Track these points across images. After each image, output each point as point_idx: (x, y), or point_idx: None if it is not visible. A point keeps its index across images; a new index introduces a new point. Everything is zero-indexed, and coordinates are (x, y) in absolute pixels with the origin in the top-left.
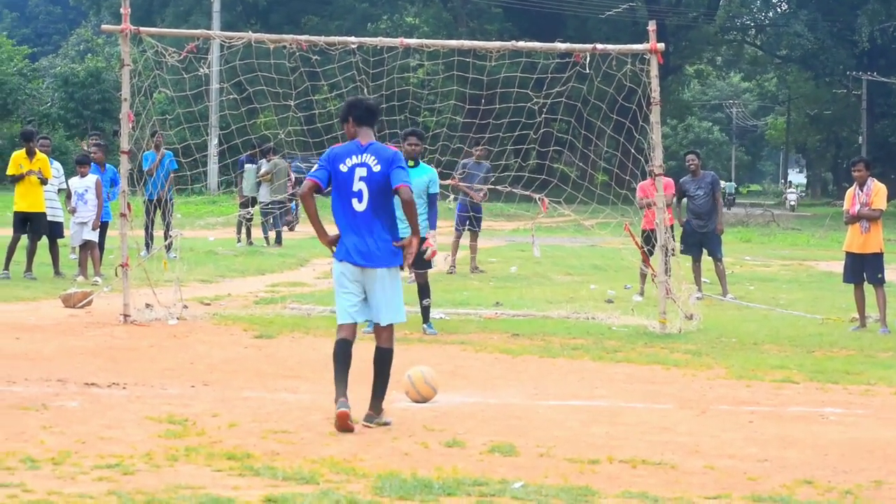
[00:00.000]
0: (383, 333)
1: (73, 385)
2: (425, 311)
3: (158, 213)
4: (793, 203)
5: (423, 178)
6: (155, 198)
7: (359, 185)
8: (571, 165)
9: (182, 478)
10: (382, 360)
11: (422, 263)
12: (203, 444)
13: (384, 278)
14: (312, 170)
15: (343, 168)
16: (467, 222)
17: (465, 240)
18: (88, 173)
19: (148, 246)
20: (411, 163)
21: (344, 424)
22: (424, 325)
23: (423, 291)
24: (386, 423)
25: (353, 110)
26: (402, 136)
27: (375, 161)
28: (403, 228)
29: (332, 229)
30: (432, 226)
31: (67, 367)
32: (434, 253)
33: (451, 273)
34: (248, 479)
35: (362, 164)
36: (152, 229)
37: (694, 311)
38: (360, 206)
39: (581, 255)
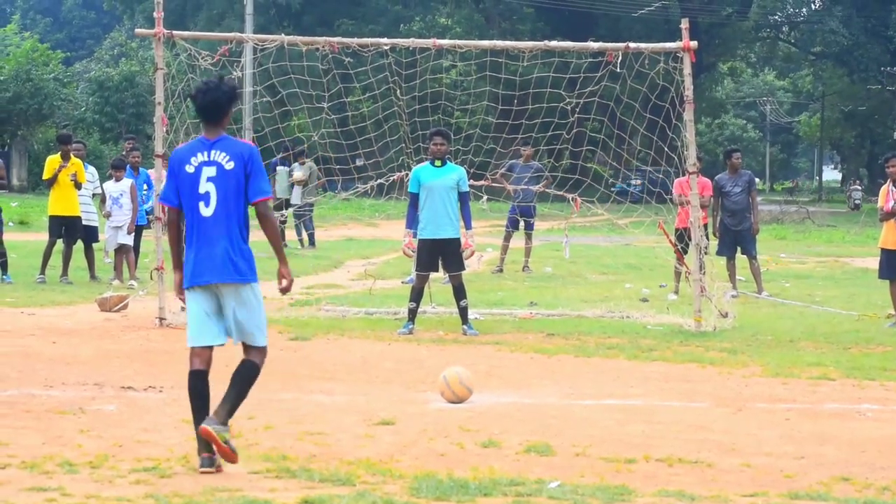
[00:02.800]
0: (253, 351)
1: (109, 389)
2: (463, 313)
3: None
4: (857, 201)
5: (451, 176)
6: None
7: (206, 187)
8: (605, 165)
9: (219, 480)
10: (243, 372)
11: (456, 265)
12: (239, 446)
13: (239, 293)
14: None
15: (189, 169)
16: (518, 224)
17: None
18: (123, 177)
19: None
20: (438, 162)
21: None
22: (464, 327)
23: (459, 293)
24: (226, 443)
25: (195, 102)
26: (427, 135)
27: (227, 158)
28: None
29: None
30: (468, 225)
31: (104, 370)
32: (473, 252)
33: (498, 272)
34: (285, 481)
35: (211, 163)
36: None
37: (729, 309)
38: (206, 211)
39: (615, 254)
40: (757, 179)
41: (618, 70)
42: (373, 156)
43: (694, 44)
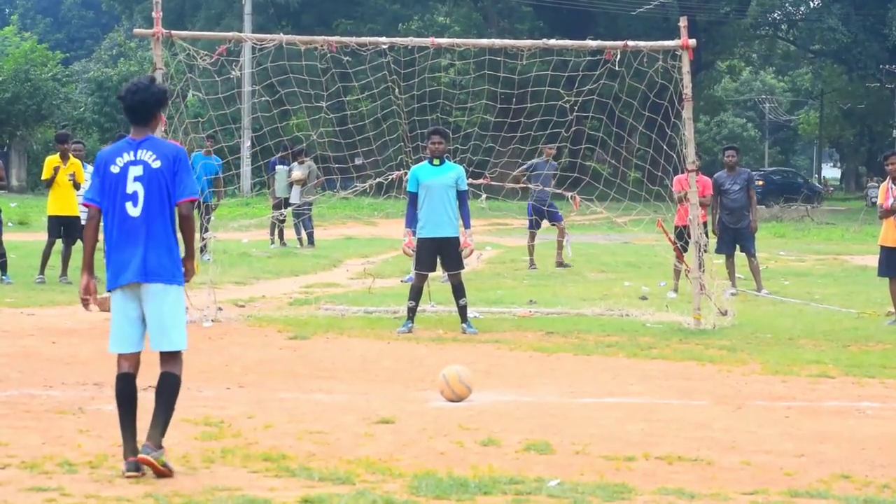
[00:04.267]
0: (169, 358)
1: (109, 388)
2: (462, 311)
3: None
4: (874, 199)
5: (449, 175)
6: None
7: (133, 187)
8: (604, 163)
9: (218, 479)
10: (169, 388)
11: (455, 263)
12: (239, 445)
13: (164, 295)
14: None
15: (114, 169)
16: (541, 220)
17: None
18: None
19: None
20: (437, 161)
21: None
22: (463, 325)
23: (458, 291)
24: (166, 467)
25: (122, 102)
26: (425, 134)
27: (154, 157)
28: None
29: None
30: (466, 224)
31: (103, 370)
32: (472, 251)
33: (532, 270)
34: (285, 480)
35: (137, 162)
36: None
37: (728, 307)
38: (134, 211)
39: (615, 253)
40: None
41: (616, 68)
42: (371, 155)
43: (692, 42)
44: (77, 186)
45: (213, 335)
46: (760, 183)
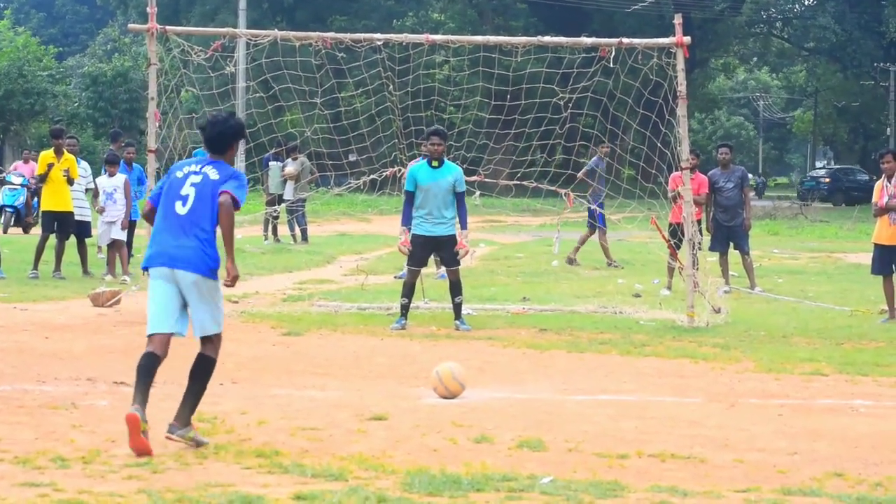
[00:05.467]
0: (206, 341)
1: (102, 384)
2: (457, 308)
3: None
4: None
5: (447, 178)
6: None
7: (188, 190)
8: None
9: (211, 476)
10: (203, 369)
11: (453, 260)
12: (232, 441)
13: (200, 284)
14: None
15: (178, 174)
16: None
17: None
18: (117, 173)
19: None
20: (435, 163)
21: (133, 426)
22: (457, 322)
23: (455, 289)
24: (195, 440)
25: (202, 133)
26: (424, 135)
27: (216, 172)
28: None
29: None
30: (463, 225)
31: (97, 365)
32: (467, 252)
33: (613, 267)
34: (278, 477)
35: (199, 173)
36: None
37: (722, 305)
38: (182, 210)
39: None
40: (750, 175)
41: (611, 65)
42: (365, 151)
43: (687, 39)
44: (71, 182)
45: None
46: (827, 181)
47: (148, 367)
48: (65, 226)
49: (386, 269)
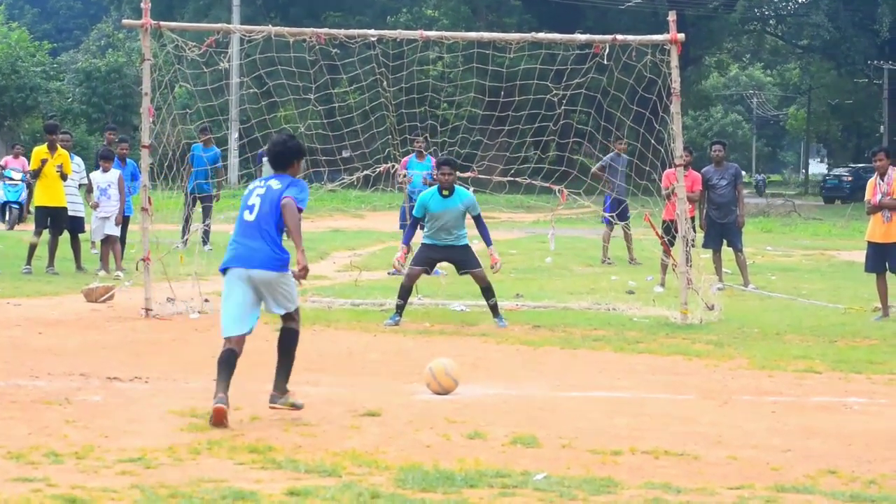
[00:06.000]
0: (287, 316)
1: (95, 379)
2: (494, 309)
3: (198, 206)
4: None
5: (458, 206)
6: (194, 192)
7: (254, 200)
8: (591, 157)
9: (205, 471)
10: (289, 340)
11: (470, 262)
12: (225, 437)
13: (274, 278)
14: None
15: (246, 191)
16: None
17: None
18: (111, 168)
19: (184, 231)
20: (446, 192)
21: (219, 419)
22: (496, 320)
23: (488, 293)
24: (295, 405)
25: (267, 152)
26: (436, 164)
27: (278, 183)
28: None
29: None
30: (488, 242)
31: (90, 361)
32: (500, 265)
33: (606, 264)
34: (271, 472)
35: (263, 186)
36: (191, 223)
37: (715, 302)
38: (250, 217)
39: (601, 247)
40: (743, 173)
41: (605, 62)
42: (359, 147)
43: (681, 36)
44: (64, 177)
45: (199, 327)
46: (849, 179)
47: (229, 362)
48: (58, 221)
49: (379, 265)
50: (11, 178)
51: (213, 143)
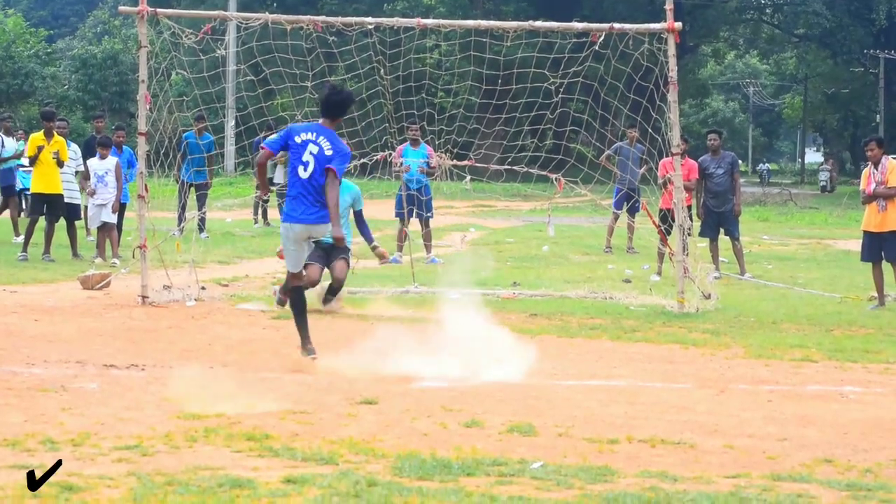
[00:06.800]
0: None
1: (91, 367)
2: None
3: (193, 193)
4: (823, 182)
5: (344, 198)
6: (190, 181)
7: (307, 157)
8: (588, 145)
9: (201, 459)
10: (332, 290)
11: (342, 253)
12: (222, 425)
13: (325, 230)
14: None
15: (298, 139)
16: (622, 205)
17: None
18: (108, 156)
19: (181, 219)
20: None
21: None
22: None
23: (334, 290)
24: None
25: (324, 100)
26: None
27: (329, 147)
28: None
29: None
30: (370, 240)
31: (86, 348)
32: (389, 259)
33: (606, 252)
34: (268, 460)
35: (316, 143)
36: (186, 209)
37: (712, 291)
38: (304, 174)
39: (598, 235)
40: (740, 161)
41: (602, 51)
42: (356, 135)
43: (678, 25)
44: (61, 164)
45: (196, 314)
46: None
47: (296, 299)
48: (54, 208)
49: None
50: (22, 165)
51: (209, 130)
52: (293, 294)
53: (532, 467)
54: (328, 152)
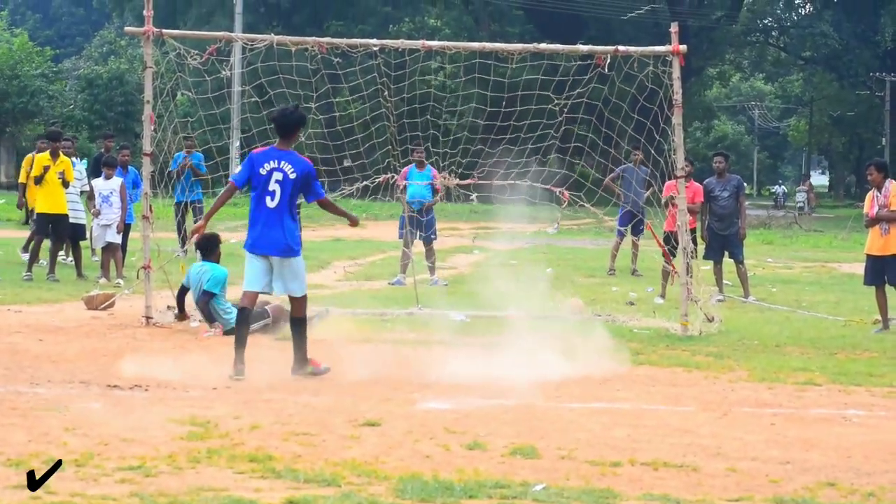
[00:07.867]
0: (295, 303)
1: (95, 387)
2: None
3: (190, 214)
4: (801, 203)
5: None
6: (182, 200)
7: (273, 187)
8: (593, 167)
9: (204, 480)
10: (295, 326)
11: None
12: (225, 445)
13: (287, 262)
14: (235, 173)
15: (262, 171)
16: (629, 225)
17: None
18: (114, 176)
19: (184, 242)
20: None
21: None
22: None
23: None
24: (316, 372)
25: (273, 121)
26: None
27: (292, 170)
28: None
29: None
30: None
31: (90, 368)
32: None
33: (610, 274)
34: (270, 482)
35: (279, 170)
36: (185, 229)
37: (715, 314)
38: (272, 204)
39: (603, 257)
40: (745, 184)
41: (607, 73)
42: (359, 157)
43: (683, 47)
44: (66, 185)
45: (199, 335)
46: None
47: (243, 319)
48: (59, 228)
49: (381, 274)
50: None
51: (196, 148)
52: (240, 314)
53: (534, 490)
54: (292, 175)
